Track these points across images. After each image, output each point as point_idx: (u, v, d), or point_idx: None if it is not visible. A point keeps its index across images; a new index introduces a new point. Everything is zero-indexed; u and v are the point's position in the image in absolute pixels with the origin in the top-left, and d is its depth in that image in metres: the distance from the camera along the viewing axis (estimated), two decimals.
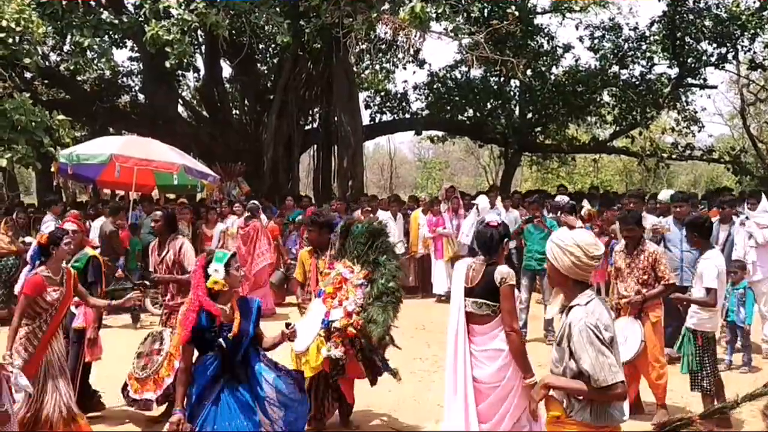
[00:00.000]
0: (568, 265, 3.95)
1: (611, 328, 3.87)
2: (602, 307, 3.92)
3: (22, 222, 13.87)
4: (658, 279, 7.37)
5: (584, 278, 3.99)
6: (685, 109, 26.17)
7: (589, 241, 3.95)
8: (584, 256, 3.91)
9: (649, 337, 7.28)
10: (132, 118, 24.40)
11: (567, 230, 4.28)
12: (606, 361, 3.76)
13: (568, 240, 3.98)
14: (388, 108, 27.58)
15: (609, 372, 3.75)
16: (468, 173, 51.65)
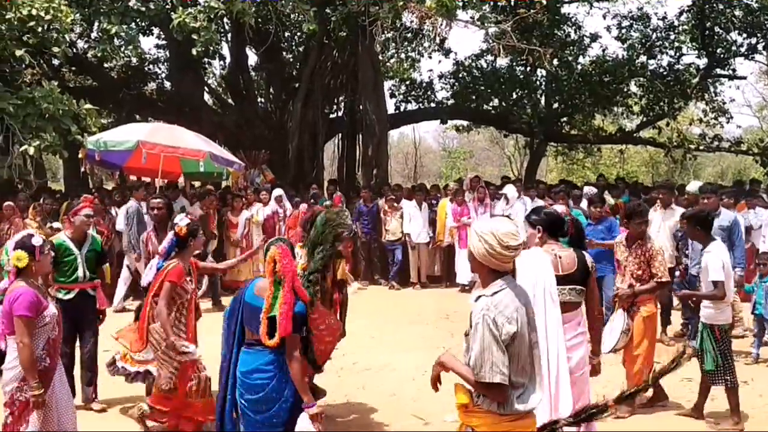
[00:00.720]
0: (482, 252, 3.85)
1: (519, 322, 3.75)
2: (511, 299, 3.79)
3: (48, 208, 13.99)
4: (652, 275, 7.35)
5: (500, 267, 3.87)
6: (714, 100, 25.89)
7: (505, 231, 3.83)
8: (498, 245, 3.79)
9: (637, 331, 7.23)
10: (158, 106, 24.52)
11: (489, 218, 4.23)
12: (490, 358, 3.67)
13: (485, 227, 3.88)
14: (413, 97, 27.51)
15: (489, 370, 3.66)
16: (493, 163, 51.48)
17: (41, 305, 5.05)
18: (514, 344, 3.73)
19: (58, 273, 7.54)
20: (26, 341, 4.94)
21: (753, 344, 9.45)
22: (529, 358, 3.84)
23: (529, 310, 3.90)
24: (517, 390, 3.80)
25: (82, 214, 7.70)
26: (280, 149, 21.89)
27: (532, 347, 3.86)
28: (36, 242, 5.18)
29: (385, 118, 22.73)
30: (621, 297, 7.40)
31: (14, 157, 13.12)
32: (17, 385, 5.04)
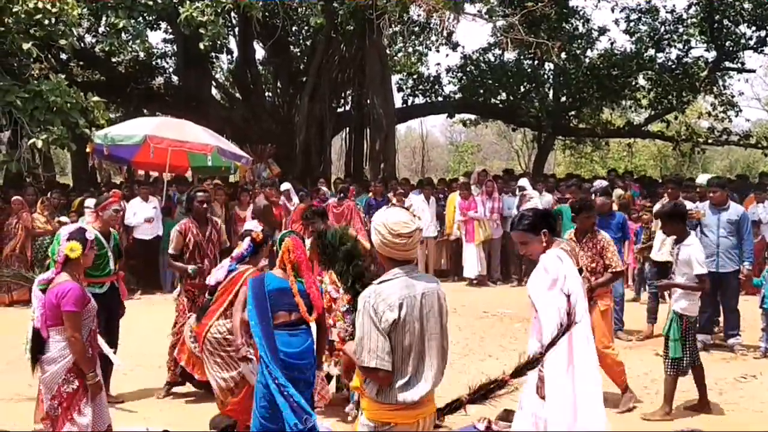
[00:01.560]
0: (377, 242, 3.89)
1: (404, 310, 3.71)
2: (399, 288, 3.76)
3: (56, 202, 14.03)
4: (606, 267, 7.32)
5: (397, 255, 3.86)
6: (722, 94, 25.79)
7: (395, 220, 3.83)
8: (388, 233, 3.80)
9: (597, 325, 7.03)
10: (166, 100, 24.55)
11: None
12: (368, 344, 3.71)
13: (377, 218, 3.92)
14: (420, 91, 27.44)
15: (367, 354, 3.70)
16: (500, 157, 51.40)
17: (86, 299, 5.20)
18: (397, 332, 3.72)
19: (90, 267, 7.51)
20: (77, 335, 5.11)
21: (762, 338, 9.41)
22: (419, 349, 3.78)
23: (426, 301, 3.82)
24: (402, 379, 3.76)
25: (111, 209, 7.69)
26: (287, 143, 21.89)
27: (424, 339, 3.80)
28: (89, 236, 5.34)
29: (393, 112, 22.71)
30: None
31: (23, 150, 13.15)
32: (64, 377, 5.13)
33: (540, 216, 5.33)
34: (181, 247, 7.84)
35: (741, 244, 9.27)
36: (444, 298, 3.97)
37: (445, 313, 3.96)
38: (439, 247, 15.69)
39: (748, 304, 10.33)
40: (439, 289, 3.97)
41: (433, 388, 3.84)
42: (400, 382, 3.76)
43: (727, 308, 9.55)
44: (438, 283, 4.01)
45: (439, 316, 3.89)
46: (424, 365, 3.81)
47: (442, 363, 3.90)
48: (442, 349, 3.89)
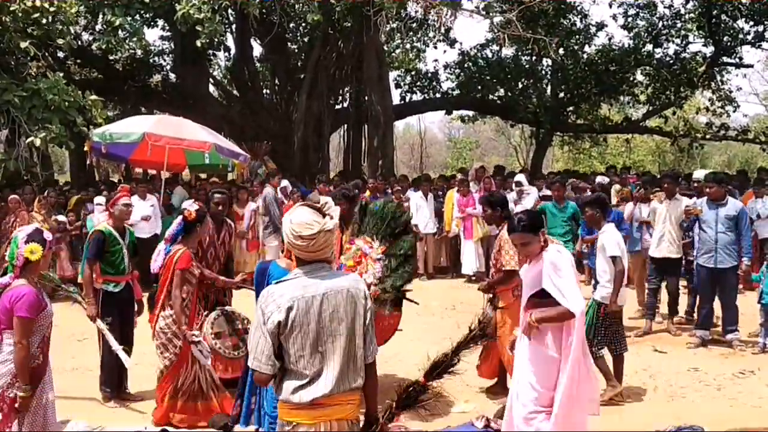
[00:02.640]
0: (285, 240, 3.86)
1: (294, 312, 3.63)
2: (293, 288, 3.70)
3: (53, 201, 14.02)
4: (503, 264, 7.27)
5: (302, 256, 3.78)
6: (720, 89, 25.79)
7: (299, 220, 3.75)
8: (290, 233, 3.75)
9: (499, 322, 7.18)
10: (163, 98, 24.55)
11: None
12: (253, 344, 3.70)
13: (287, 216, 3.87)
14: (418, 87, 27.45)
15: (251, 356, 3.70)
16: (498, 153, 51.40)
17: (41, 305, 4.97)
18: (286, 334, 3.65)
19: (105, 264, 7.46)
20: (25, 342, 4.87)
21: (760, 333, 9.41)
22: (317, 351, 3.68)
23: (328, 302, 3.70)
24: (299, 380, 3.69)
25: (121, 204, 7.63)
26: (285, 140, 21.91)
27: (323, 341, 3.69)
28: (47, 237, 5.12)
29: (391, 109, 22.71)
30: (480, 289, 7.54)
31: (21, 149, 13.14)
32: (9, 380, 4.94)
33: (535, 216, 5.60)
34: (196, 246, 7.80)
35: (740, 240, 9.26)
36: (363, 296, 3.82)
37: (360, 314, 3.80)
38: (437, 244, 15.68)
39: (747, 300, 10.34)
40: (355, 287, 3.82)
41: (334, 390, 3.69)
42: (297, 383, 3.69)
43: (726, 304, 9.53)
44: (356, 282, 3.88)
45: (346, 317, 3.75)
46: (324, 369, 3.71)
47: (349, 365, 3.75)
48: (347, 351, 3.74)
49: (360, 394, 3.87)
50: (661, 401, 7.55)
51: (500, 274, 7.25)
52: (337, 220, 3.86)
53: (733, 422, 6.43)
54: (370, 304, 3.88)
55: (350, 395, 3.78)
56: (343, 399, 3.74)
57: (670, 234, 10.09)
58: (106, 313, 7.41)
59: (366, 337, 3.84)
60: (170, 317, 6.57)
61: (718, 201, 9.35)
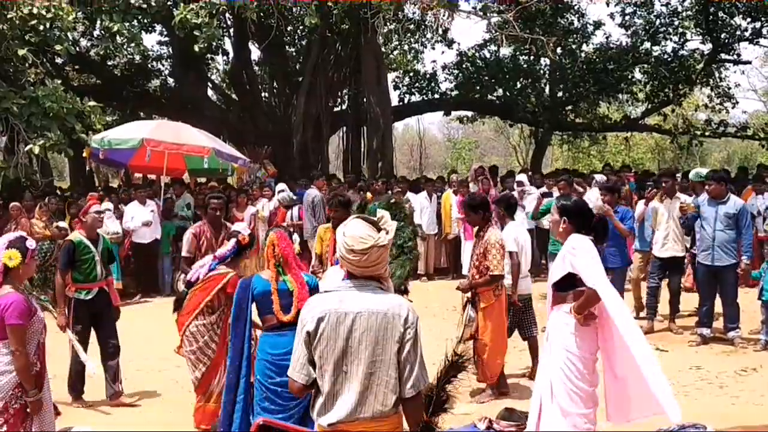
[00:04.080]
0: (338, 254, 3.74)
1: (323, 325, 3.56)
2: (329, 301, 3.62)
3: (54, 208, 14.02)
4: (488, 268, 7.38)
5: (352, 270, 3.67)
6: (719, 86, 25.73)
7: (352, 234, 3.62)
8: (342, 247, 3.63)
9: (480, 321, 7.44)
10: (162, 103, 24.58)
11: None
12: (294, 354, 3.68)
13: (340, 228, 3.76)
14: (416, 89, 27.39)
15: (291, 364, 3.67)
16: (498, 153, 51.37)
17: (31, 311, 4.95)
18: (315, 345, 3.60)
19: (76, 272, 7.57)
20: (22, 349, 4.85)
21: (762, 331, 9.41)
22: (339, 370, 3.58)
23: (360, 322, 3.57)
24: (320, 397, 3.63)
25: (92, 212, 7.74)
26: (284, 143, 21.91)
27: (348, 361, 3.57)
28: (30, 245, 5.05)
29: (389, 111, 22.71)
30: (460, 288, 7.69)
31: (20, 156, 13.15)
32: (12, 392, 4.91)
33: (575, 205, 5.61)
34: (194, 249, 7.82)
35: (739, 238, 9.25)
36: (402, 323, 3.60)
37: (395, 340, 3.59)
38: (438, 244, 15.68)
39: (747, 297, 10.32)
40: (396, 313, 3.61)
41: (353, 415, 3.56)
42: (321, 401, 3.63)
43: (726, 301, 9.54)
44: (399, 307, 3.65)
45: (377, 342, 3.58)
46: (345, 389, 3.59)
47: (372, 393, 3.59)
48: (371, 378, 3.58)
49: (392, 422, 3.68)
50: None
51: (485, 277, 7.34)
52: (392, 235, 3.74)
53: (736, 420, 6.44)
54: (413, 332, 3.63)
55: (372, 423, 3.60)
56: (365, 427, 3.60)
57: (674, 233, 10.12)
58: (77, 320, 7.51)
59: (405, 368, 3.61)
60: (204, 325, 6.65)
61: (719, 198, 9.35)
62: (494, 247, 7.32)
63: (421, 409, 3.81)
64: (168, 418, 7.35)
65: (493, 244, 7.35)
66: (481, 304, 7.49)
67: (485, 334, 7.47)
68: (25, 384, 4.91)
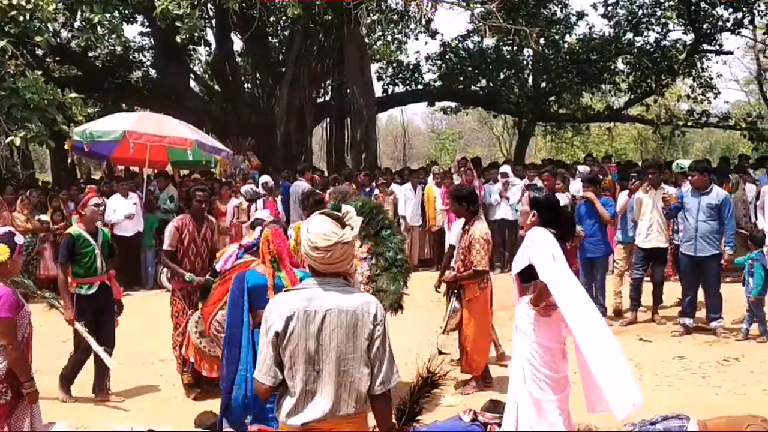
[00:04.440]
0: (302, 251, 3.69)
1: (291, 325, 3.50)
2: (297, 300, 3.55)
3: (36, 201, 13.92)
4: (471, 262, 7.39)
5: (317, 267, 3.62)
6: (701, 76, 25.83)
7: (316, 231, 3.57)
8: (306, 244, 3.58)
9: (465, 313, 7.51)
10: (144, 94, 24.45)
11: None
12: (260, 356, 3.61)
13: (304, 224, 3.72)
14: (400, 79, 27.37)
15: (257, 366, 3.61)
16: (482, 143, 51.42)
17: (20, 305, 4.95)
18: (283, 345, 3.53)
19: (76, 266, 7.46)
20: (14, 343, 4.87)
21: (744, 320, 9.48)
22: (311, 370, 3.53)
23: (330, 319, 3.52)
24: (291, 398, 3.57)
25: (91, 204, 7.62)
26: (267, 134, 21.83)
27: (319, 360, 3.53)
28: (18, 240, 5.05)
29: (373, 102, 22.67)
30: (445, 280, 7.74)
31: (1, 148, 13.03)
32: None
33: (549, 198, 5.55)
34: (176, 243, 7.78)
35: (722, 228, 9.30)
36: (371, 320, 3.57)
37: (364, 338, 3.56)
38: (422, 236, 15.68)
39: (730, 287, 10.40)
40: (365, 310, 3.58)
41: (327, 415, 3.52)
42: (290, 403, 3.56)
43: (709, 292, 9.60)
44: (368, 304, 3.62)
45: (347, 339, 3.54)
46: (317, 389, 3.55)
47: (344, 391, 3.55)
48: (343, 376, 3.54)
49: (360, 420, 3.67)
50: (647, 390, 7.57)
51: (469, 272, 7.37)
52: (357, 231, 3.65)
53: (719, 410, 6.47)
54: (381, 329, 3.61)
55: (343, 423, 3.58)
56: (335, 426, 3.56)
57: (658, 224, 10.17)
58: (80, 315, 7.42)
59: (375, 364, 3.58)
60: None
61: (702, 189, 9.39)
62: (478, 242, 7.32)
63: (390, 408, 3.79)
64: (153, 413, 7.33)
65: (477, 239, 7.35)
66: (466, 297, 7.50)
67: (469, 327, 7.50)
68: (21, 376, 4.92)
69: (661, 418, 5.98)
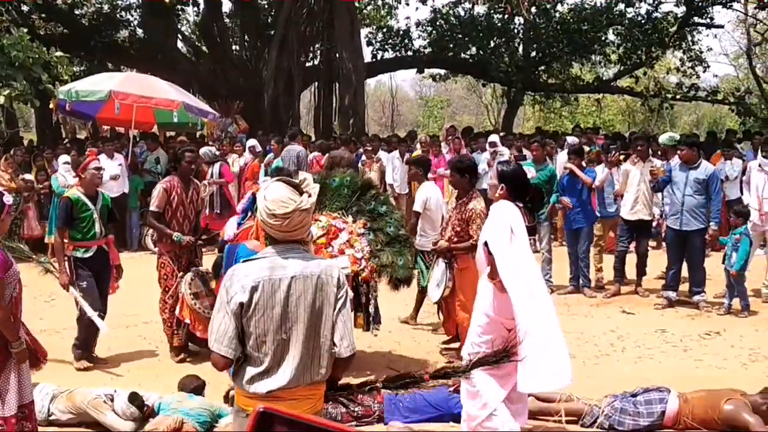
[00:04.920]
0: (259, 218, 3.65)
1: (258, 293, 3.44)
2: (260, 268, 3.49)
3: (20, 160, 13.80)
4: (470, 236, 7.32)
5: (274, 235, 3.57)
6: (691, 49, 25.85)
7: (273, 197, 3.51)
8: (264, 211, 3.52)
9: (458, 281, 7.45)
10: (131, 54, 24.19)
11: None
12: (214, 325, 3.48)
13: (262, 192, 3.63)
14: (390, 45, 27.22)
15: (211, 335, 3.49)
16: (470, 112, 51.29)
17: (8, 264, 4.91)
18: (248, 316, 3.46)
19: (73, 230, 7.35)
20: (1, 303, 4.84)
21: (725, 295, 9.54)
22: (279, 338, 3.48)
23: (296, 286, 3.50)
24: (257, 367, 3.50)
25: (92, 168, 7.48)
26: (255, 98, 21.69)
27: (287, 327, 3.49)
28: (7, 200, 5.00)
29: (362, 67, 22.56)
30: (438, 250, 7.59)
31: None
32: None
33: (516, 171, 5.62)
34: (164, 204, 7.70)
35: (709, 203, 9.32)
36: (335, 284, 3.59)
37: (330, 302, 3.57)
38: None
39: (713, 262, 10.45)
40: (328, 273, 3.58)
41: (293, 383, 3.50)
42: (255, 371, 3.49)
43: (693, 266, 9.65)
44: (330, 268, 3.64)
45: (314, 304, 3.53)
46: (284, 357, 3.51)
47: (313, 357, 3.54)
48: (311, 341, 3.53)
49: (322, 388, 3.70)
50: (629, 362, 7.65)
51: (465, 244, 7.31)
52: (315, 198, 3.62)
53: (699, 382, 6.52)
54: (343, 292, 3.63)
55: (312, 389, 3.59)
56: (302, 393, 3.55)
57: (644, 196, 10.16)
58: (80, 278, 7.34)
59: (337, 329, 3.59)
60: None
61: (690, 163, 9.39)
62: (479, 217, 7.28)
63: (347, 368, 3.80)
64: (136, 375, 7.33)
65: (478, 213, 7.30)
66: (459, 266, 7.47)
67: (462, 292, 7.46)
68: (8, 335, 4.86)
69: (642, 390, 6.03)
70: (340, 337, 3.58)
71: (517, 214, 5.19)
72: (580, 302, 10.01)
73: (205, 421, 5.78)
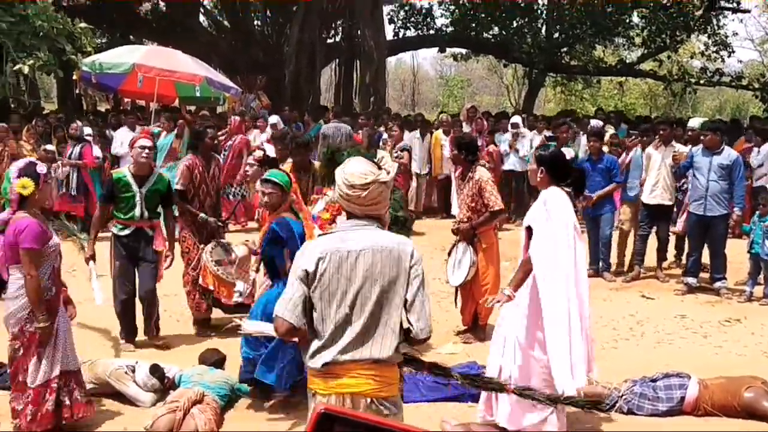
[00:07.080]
0: (336, 194, 3.62)
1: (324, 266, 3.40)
2: (330, 242, 3.48)
3: (42, 130, 13.84)
4: (486, 206, 7.33)
5: (353, 209, 3.55)
6: (716, 33, 25.56)
7: (352, 170, 3.51)
8: (343, 183, 3.50)
9: (481, 262, 7.40)
10: (152, 27, 24.16)
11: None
12: (285, 295, 3.48)
13: (339, 169, 3.60)
14: (412, 23, 27.10)
15: (280, 303, 3.47)
16: (490, 92, 51.01)
17: (46, 236, 4.99)
18: (314, 286, 3.44)
19: (115, 208, 7.25)
20: (34, 273, 4.89)
21: (747, 282, 9.48)
22: (342, 312, 3.43)
23: (363, 260, 3.44)
24: (318, 341, 3.46)
25: (137, 146, 7.20)
26: (276, 73, 21.67)
27: (352, 302, 3.44)
28: (41, 170, 5.08)
29: (384, 45, 22.49)
30: (462, 231, 7.50)
31: (8, 75, 12.92)
32: (26, 315, 5.00)
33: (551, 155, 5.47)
34: (188, 182, 7.74)
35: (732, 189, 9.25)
36: (409, 260, 3.50)
37: (402, 279, 3.48)
38: (429, 183, 15.61)
39: (735, 248, 10.36)
40: (402, 249, 3.51)
41: (347, 356, 3.42)
42: (317, 345, 3.46)
43: (714, 252, 9.59)
44: (404, 244, 3.57)
45: (382, 279, 3.45)
46: (347, 329, 3.44)
47: (375, 332, 3.45)
48: (376, 317, 3.45)
49: (390, 372, 3.54)
50: (649, 347, 7.64)
51: (485, 215, 7.29)
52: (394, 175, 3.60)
53: (718, 369, 6.51)
54: (419, 270, 3.52)
55: (372, 368, 3.45)
56: (359, 370, 3.44)
57: (664, 180, 10.09)
58: (116, 256, 7.31)
59: (414, 309, 3.46)
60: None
61: (714, 149, 9.31)
62: (488, 184, 7.28)
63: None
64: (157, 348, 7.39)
65: (486, 181, 7.31)
66: (483, 245, 7.43)
67: (487, 274, 7.44)
68: (35, 309, 4.96)
69: (662, 375, 6.03)
70: (417, 318, 3.47)
71: (569, 206, 5.19)
72: (600, 286, 9.94)
73: (225, 395, 5.84)
